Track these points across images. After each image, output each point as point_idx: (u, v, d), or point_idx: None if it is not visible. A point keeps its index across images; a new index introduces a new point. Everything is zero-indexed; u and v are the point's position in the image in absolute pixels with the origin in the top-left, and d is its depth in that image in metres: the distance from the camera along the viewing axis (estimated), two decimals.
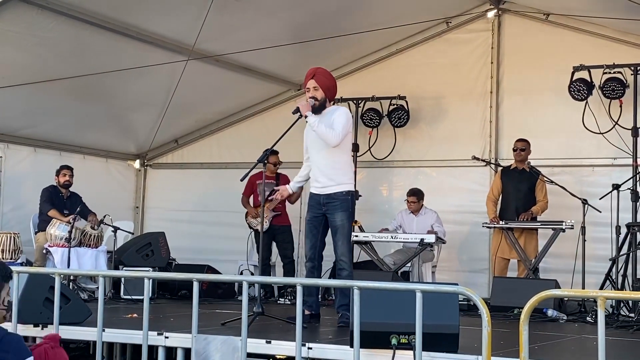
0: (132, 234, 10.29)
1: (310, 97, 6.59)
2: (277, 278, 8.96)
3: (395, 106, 10.26)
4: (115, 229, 9.35)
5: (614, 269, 8.02)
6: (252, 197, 9.98)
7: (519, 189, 9.04)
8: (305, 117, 6.48)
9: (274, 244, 9.87)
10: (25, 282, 5.98)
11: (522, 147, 9.10)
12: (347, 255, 6.58)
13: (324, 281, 6.53)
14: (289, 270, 9.70)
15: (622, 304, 7.72)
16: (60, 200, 9.49)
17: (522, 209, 8.94)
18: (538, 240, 8.95)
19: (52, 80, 8.78)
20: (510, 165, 9.27)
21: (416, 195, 9.63)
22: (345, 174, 6.63)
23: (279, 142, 6.86)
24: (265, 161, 9.68)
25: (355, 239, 9.30)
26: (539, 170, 9.01)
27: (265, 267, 9.60)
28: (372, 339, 4.85)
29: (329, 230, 6.68)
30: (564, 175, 9.43)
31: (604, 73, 8.98)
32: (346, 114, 6.60)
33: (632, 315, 7.43)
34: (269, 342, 5.49)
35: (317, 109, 6.56)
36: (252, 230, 9.88)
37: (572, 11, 9.47)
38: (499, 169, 9.43)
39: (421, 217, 9.61)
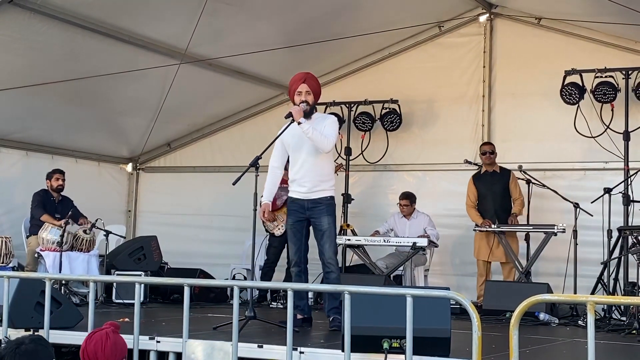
0: (124, 237, 10.28)
1: (302, 101, 6.61)
2: (269, 283, 8.95)
3: (387, 110, 10.27)
4: (107, 232, 9.33)
5: (605, 273, 8.04)
6: None
7: (494, 191, 9.15)
8: (299, 123, 6.48)
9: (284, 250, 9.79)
10: (17, 286, 5.97)
11: (491, 150, 9.21)
12: (334, 258, 6.68)
13: (316, 286, 6.53)
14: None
15: (613, 308, 7.74)
16: (52, 204, 9.47)
17: (501, 210, 9.05)
18: (519, 242, 9.06)
19: (44, 84, 8.77)
20: (480, 169, 9.34)
21: (409, 199, 9.64)
22: (330, 181, 6.75)
23: None
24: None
25: (347, 242, 9.33)
26: (509, 169, 9.15)
27: (269, 271, 9.56)
28: (364, 343, 4.85)
29: (311, 234, 6.76)
30: (555, 179, 9.45)
31: (596, 77, 9.00)
32: (337, 123, 6.76)
33: (624, 319, 7.44)
34: (261, 347, 5.49)
35: (307, 114, 6.60)
36: (267, 233, 9.80)
37: (564, 15, 9.49)
38: (470, 175, 9.46)
39: (414, 221, 9.62)
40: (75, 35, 8.34)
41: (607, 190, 8.44)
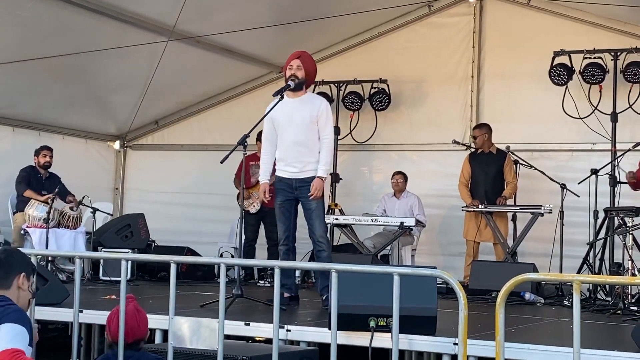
0: (112, 215, 10.25)
1: (291, 75, 6.60)
2: (256, 260, 8.94)
3: (376, 89, 10.25)
4: (94, 210, 9.30)
5: (591, 253, 8.08)
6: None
7: (487, 173, 9.13)
8: (322, 179, 6.63)
9: (262, 227, 9.81)
10: None
11: (475, 135, 9.22)
12: (324, 237, 6.68)
13: (303, 264, 6.52)
14: (273, 253, 9.65)
15: (599, 288, 7.78)
16: (39, 180, 9.43)
17: (492, 192, 9.02)
18: (509, 223, 9.07)
19: (32, 60, 8.70)
20: (477, 149, 9.34)
21: (402, 174, 9.70)
22: (317, 161, 6.70)
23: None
24: (252, 142, 9.63)
25: (335, 222, 9.34)
26: (507, 151, 9.09)
27: (250, 249, 9.57)
28: (351, 322, 4.87)
29: (299, 212, 6.76)
30: (543, 160, 9.48)
31: (585, 58, 9.02)
32: (330, 109, 6.79)
33: (609, 299, 7.49)
34: (248, 324, 5.51)
35: (296, 88, 6.60)
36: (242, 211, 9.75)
37: None
38: (467, 152, 9.46)
39: (403, 200, 9.67)
40: (63, 11, 8.27)
41: (594, 172, 8.47)
